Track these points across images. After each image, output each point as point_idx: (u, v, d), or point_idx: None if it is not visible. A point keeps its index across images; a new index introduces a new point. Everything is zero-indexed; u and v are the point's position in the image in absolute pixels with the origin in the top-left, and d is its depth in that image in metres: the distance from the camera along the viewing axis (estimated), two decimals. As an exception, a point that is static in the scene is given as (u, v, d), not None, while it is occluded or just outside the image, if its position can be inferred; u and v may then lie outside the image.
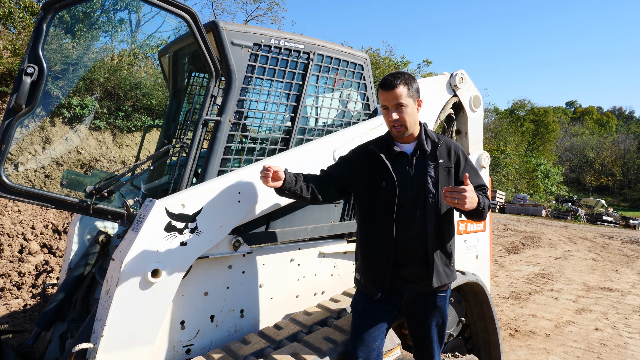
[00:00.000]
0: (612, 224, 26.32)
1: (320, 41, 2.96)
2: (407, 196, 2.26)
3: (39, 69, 2.10)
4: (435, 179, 2.27)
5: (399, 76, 2.23)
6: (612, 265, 11.25)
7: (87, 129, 10.77)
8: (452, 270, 2.37)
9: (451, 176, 2.32)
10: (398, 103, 2.23)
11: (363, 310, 2.36)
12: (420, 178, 2.27)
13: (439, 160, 2.30)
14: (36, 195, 2.29)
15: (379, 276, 2.31)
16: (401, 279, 2.32)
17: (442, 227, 2.31)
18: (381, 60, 25.64)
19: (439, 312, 2.37)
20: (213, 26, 2.54)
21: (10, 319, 4.84)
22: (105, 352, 2.07)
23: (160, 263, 2.18)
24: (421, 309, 2.36)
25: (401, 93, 2.21)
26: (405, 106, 2.24)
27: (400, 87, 2.21)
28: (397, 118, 2.25)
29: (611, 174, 57.34)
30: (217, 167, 2.57)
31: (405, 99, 2.23)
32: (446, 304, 2.39)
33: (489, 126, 40.26)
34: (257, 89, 2.72)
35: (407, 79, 2.24)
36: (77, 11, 12.16)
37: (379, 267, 2.30)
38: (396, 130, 2.30)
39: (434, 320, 2.37)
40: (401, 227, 2.25)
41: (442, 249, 2.33)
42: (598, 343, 5.56)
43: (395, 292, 2.35)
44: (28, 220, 7.92)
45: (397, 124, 2.27)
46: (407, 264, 2.28)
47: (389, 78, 2.24)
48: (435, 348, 2.41)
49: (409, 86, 2.23)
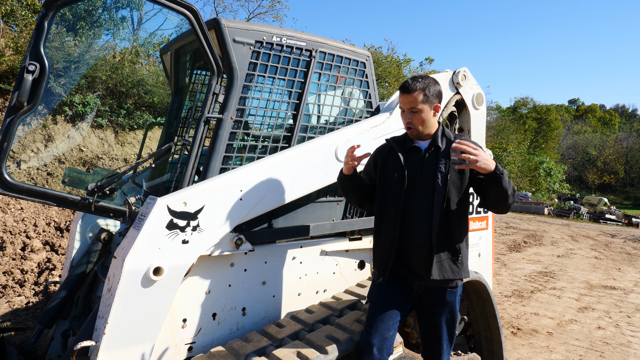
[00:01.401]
0: (615, 222, 26.28)
1: (322, 39, 2.95)
2: (415, 189, 2.35)
3: (41, 67, 2.10)
4: (444, 174, 2.31)
5: (419, 81, 2.33)
6: (614, 264, 11.23)
7: (89, 126, 10.78)
8: (460, 267, 2.36)
9: (463, 174, 2.34)
10: (412, 107, 2.34)
11: (378, 299, 2.41)
12: (430, 173, 2.34)
13: (452, 158, 2.32)
14: (38, 193, 2.29)
15: (381, 261, 2.43)
16: (407, 269, 2.39)
17: (450, 223, 2.33)
18: (383, 58, 25.57)
19: (448, 307, 2.38)
20: (215, 23, 2.54)
21: (12, 317, 4.86)
22: (107, 349, 2.07)
23: (162, 261, 2.18)
24: (430, 303, 2.38)
25: (416, 99, 2.32)
26: (419, 111, 2.34)
27: (416, 93, 2.31)
28: (410, 121, 2.37)
29: (614, 172, 57.17)
30: (219, 165, 2.57)
31: (420, 105, 2.33)
32: (456, 300, 2.39)
33: (492, 124, 40.20)
34: (259, 87, 2.72)
35: (426, 84, 2.33)
36: (79, 9, 12.15)
37: (383, 252, 2.42)
38: (409, 131, 2.42)
39: (443, 316, 2.38)
40: (408, 218, 2.35)
41: (449, 244, 2.34)
42: (600, 341, 5.55)
43: (405, 282, 2.41)
44: (30, 218, 7.94)
45: (410, 127, 2.39)
46: (411, 255, 2.36)
47: (408, 81, 2.35)
48: (444, 346, 2.40)
49: (425, 92, 2.32)
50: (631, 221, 26.01)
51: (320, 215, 3.03)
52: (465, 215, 2.42)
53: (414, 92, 2.31)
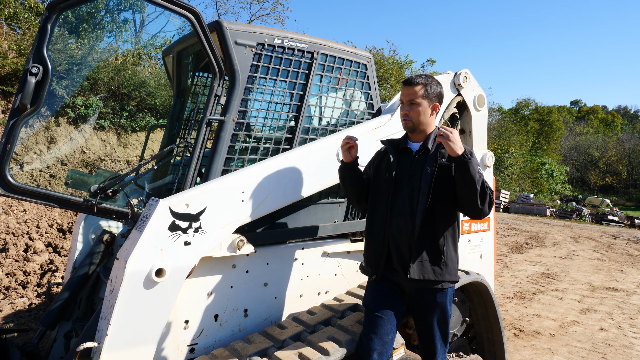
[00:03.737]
0: (617, 224, 26.17)
1: (323, 40, 2.96)
2: (403, 189, 2.39)
3: (44, 69, 2.11)
4: (430, 176, 2.32)
5: (422, 77, 2.43)
6: (617, 265, 11.20)
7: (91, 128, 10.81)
8: (443, 269, 2.34)
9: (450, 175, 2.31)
10: (411, 100, 2.40)
11: (374, 304, 2.41)
12: (418, 174, 2.37)
13: (439, 159, 2.36)
14: (41, 195, 2.30)
15: (374, 260, 2.48)
16: (394, 270, 2.42)
17: (435, 224, 2.34)
18: (385, 60, 25.58)
19: (439, 308, 2.39)
20: (217, 26, 2.55)
21: (15, 318, 4.87)
22: (110, 351, 2.08)
23: (164, 262, 2.19)
24: (421, 305, 2.41)
25: (416, 92, 2.38)
26: (417, 105, 2.40)
27: (418, 87, 2.39)
28: (406, 113, 2.42)
29: (616, 173, 57.03)
30: (220, 167, 2.58)
31: (419, 99, 2.39)
32: (447, 301, 2.40)
33: (493, 125, 40.11)
34: (261, 89, 2.73)
35: (428, 81, 2.41)
36: (82, 11, 12.19)
37: (375, 252, 2.48)
38: (404, 123, 2.46)
39: (434, 317, 2.39)
40: (395, 218, 2.39)
41: (432, 245, 2.34)
42: (603, 343, 5.53)
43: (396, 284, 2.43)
44: (33, 220, 7.96)
45: (406, 118, 2.44)
46: (397, 254, 2.39)
47: (412, 76, 2.43)
48: (438, 346, 2.42)
49: (427, 88, 2.39)
50: (634, 222, 25.90)
51: (322, 216, 3.04)
52: (453, 218, 2.42)
53: (416, 86, 2.39)
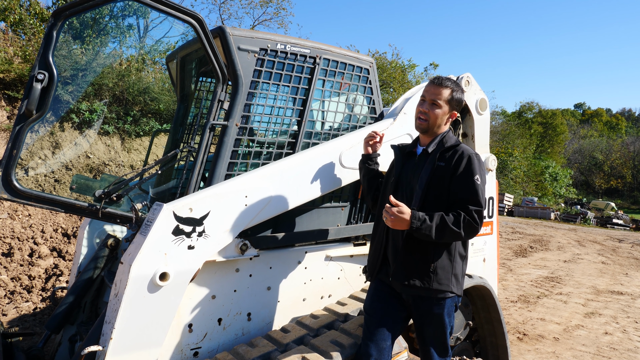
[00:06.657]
0: (622, 227, 26.00)
1: (326, 45, 2.98)
2: (403, 193, 2.41)
3: (49, 75, 2.14)
4: (426, 180, 2.28)
5: (451, 82, 2.38)
6: (622, 269, 11.13)
7: (96, 133, 10.86)
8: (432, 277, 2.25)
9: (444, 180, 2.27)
10: (434, 100, 2.35)
11: (371, 309, 2.43)
12: (416, 177, 2.35)
13: (437, 163, 2.31)
14: (46, 200, 2.32)
15: (371, 261, 2.56)
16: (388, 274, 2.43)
17: None
18: (388, 64, 25.59)
19: (435, 320, 2.32)
20: (220, 32, 2.57)
21: (20, 322, 4.89)
22: (114, 354, 2.09)
23: (168, 266, 2.20)
24: (416, 314, 2.38)
25: (442, 94, 2.35)
26: (439, 107, 2.36)
27: (445, 90, 2.35)
28: (426, 111, 2.38)
29: (621, 176, 56.70)
30: (224, 171, 2.60)
31: (442, 102, 2.35)
32: (444, 313, 2.30)
33: (497, 129, 39.99)
34: (264, 94, 2.75)
35: (456, 88, 2.38)
36: (87, 18, 12.29)
37: (374, 255, 2.53)
38: (419, 121, 2.41)
39: (430, 328, 2.34)
40: None
41: (419, 249, 2.26)
42: (608, 347, 5.50)
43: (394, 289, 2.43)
44: (38, 224, 8.00)
45: (422, 116, 2.40)
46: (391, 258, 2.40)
47: (442, 77, 2.39)
48: (434, 354, 2.37)
49: (453, 94, 2.36)
50: (639, 226, 25.75)
51: (325, 220, 3.05)
52: None
53: (444, 88, 2.34)
